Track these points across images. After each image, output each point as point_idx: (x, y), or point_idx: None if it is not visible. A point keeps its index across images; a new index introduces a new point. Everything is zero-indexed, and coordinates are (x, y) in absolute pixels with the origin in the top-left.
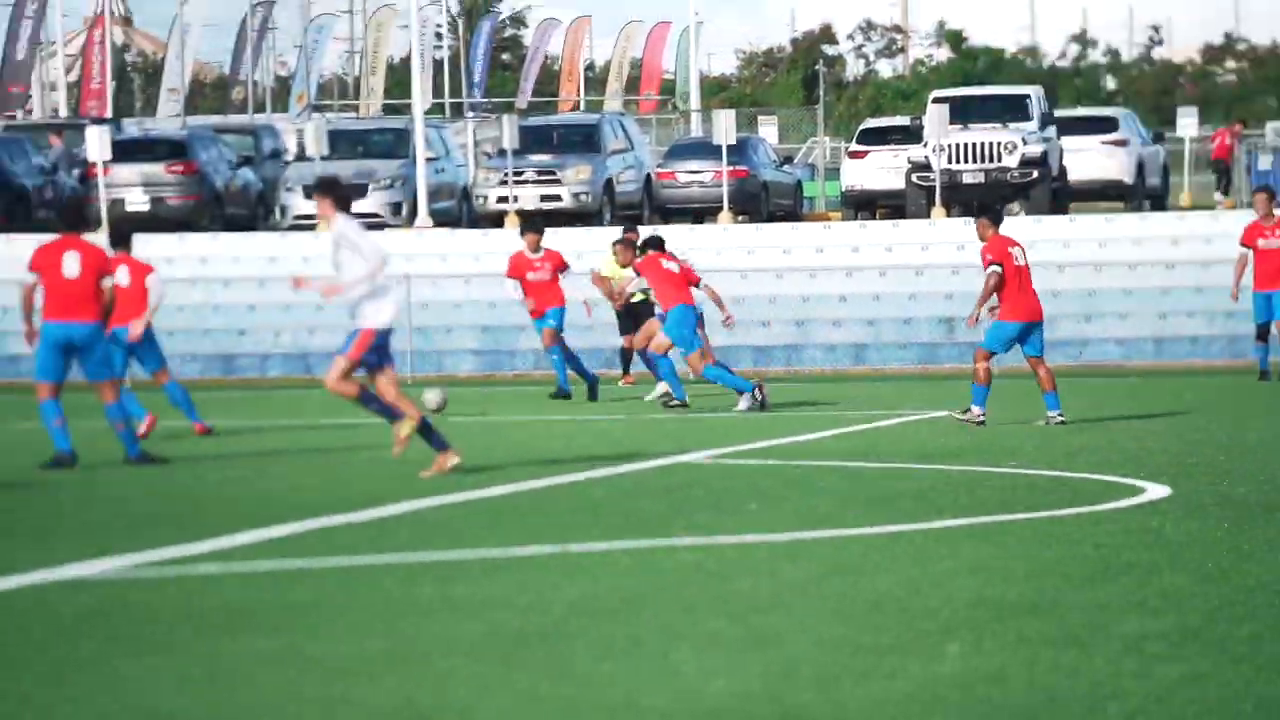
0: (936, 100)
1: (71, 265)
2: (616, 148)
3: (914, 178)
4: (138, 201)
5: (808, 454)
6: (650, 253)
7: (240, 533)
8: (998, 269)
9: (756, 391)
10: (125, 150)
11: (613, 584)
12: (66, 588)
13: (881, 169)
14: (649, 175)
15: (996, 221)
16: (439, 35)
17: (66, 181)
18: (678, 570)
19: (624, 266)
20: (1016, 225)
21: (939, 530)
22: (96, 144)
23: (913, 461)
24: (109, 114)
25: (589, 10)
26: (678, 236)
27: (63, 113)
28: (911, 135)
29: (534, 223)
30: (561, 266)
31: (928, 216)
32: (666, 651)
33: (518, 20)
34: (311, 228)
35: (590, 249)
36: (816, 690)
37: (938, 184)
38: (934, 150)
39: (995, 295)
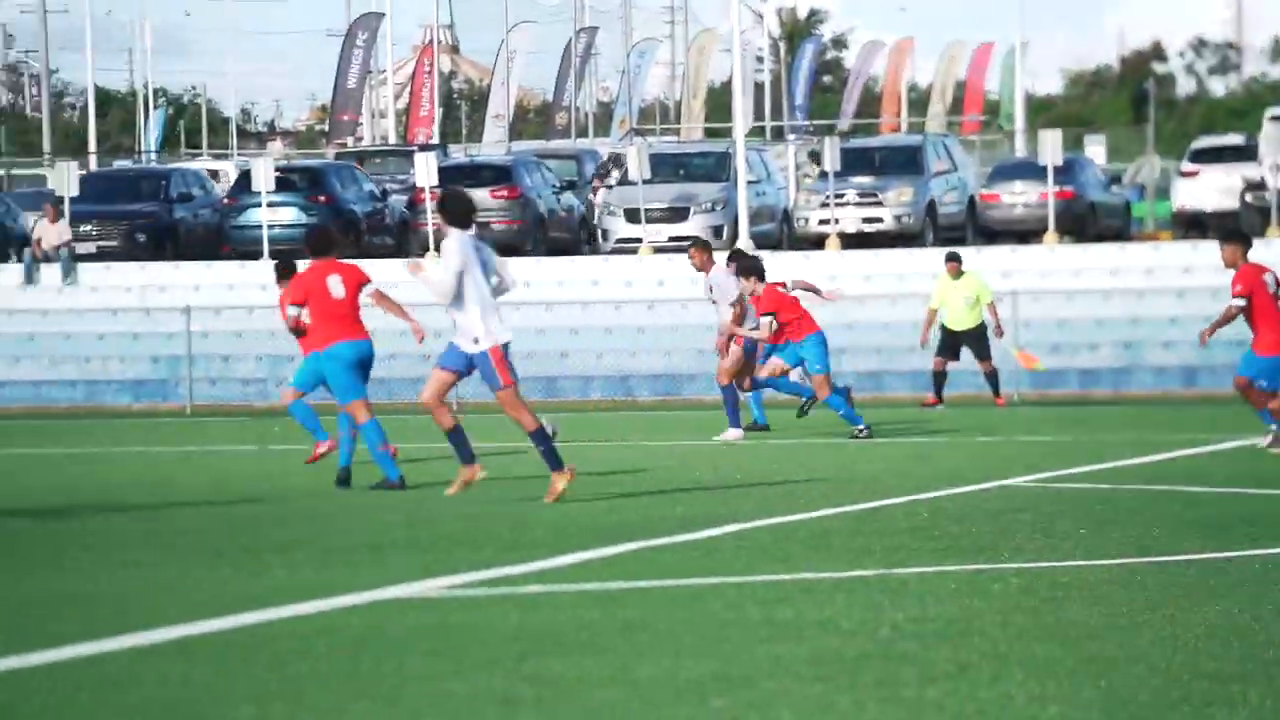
0: (1273, 117)
1: (337, 287)
2: (939, 169)
3: (1248, 197)
4: None
5: (1137, 478)
6: (768, 285)
7: (565, 554)
8: (1242, 302)
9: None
10: (451, 176)
11: (939, 608)
12: (396, 607)
13: (1214, 188)
14: (972, 197)
15: (1248, 246)
16: (760, 59)
17: (396, 207)
18: (1006, 595)
19: (699, 270)
20: None
21: (1277, 556)
22: (424, 170)
23: (1248, 486)
24: (435, 140)
25: (912, 32)
26: (1000, 259)
27: (391, 140)
28: (1246, 154)
29: (743, 255)
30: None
31: (1263, 236)
32: (996, 677)
33: (839, 43)
34: (633, 251)
35: (912, 271)
36: (1153, 718)
37: (1274, 203)
38: (1270, 169)
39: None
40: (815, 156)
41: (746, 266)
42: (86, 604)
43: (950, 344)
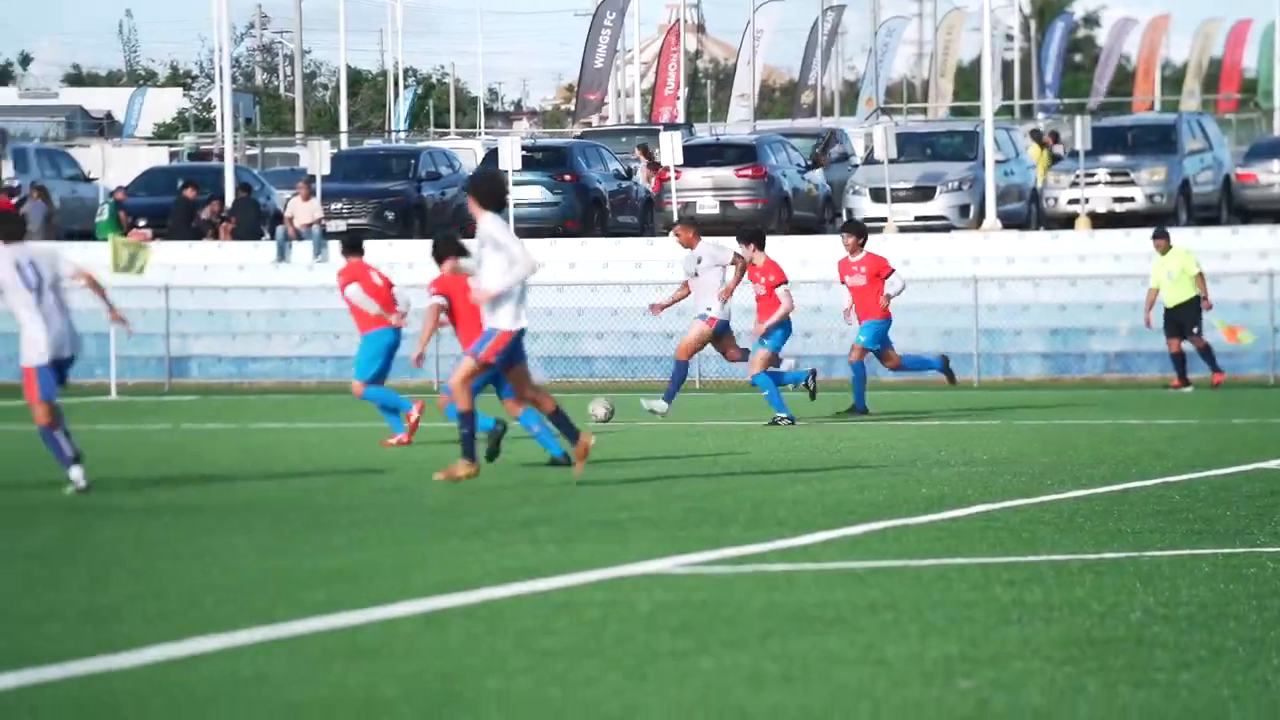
0: None
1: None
2: (1194, 148)
3: None
4: (708, 205)
5: None
6: (768, 257)
7: (810, 533)
8: None
9: (809, 379)
10: (696, 155)
11: (1193, 592)
12: (641, 582)
13: None
14: (1228, 176)
15: None
16: (1010, 37)
17: (640, 188)
18: (1262, 579)
19: (686, 246)
20: None
21: None
22: (669, 149)
23: None
24: (681, 119)
25: (1167, 9)
26: (1257, 239)
27: (637, 119)
28: None
29: (853, 223)
30: (884, 271)
31: None
32: (1252, 663)
33: (1091, 20)
34: (878, 231)
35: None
36: None
37: None
38: None
39: None
40: (1037, 135)
41: (749, 233)
42: (335, 577)
43: (1172, 322)
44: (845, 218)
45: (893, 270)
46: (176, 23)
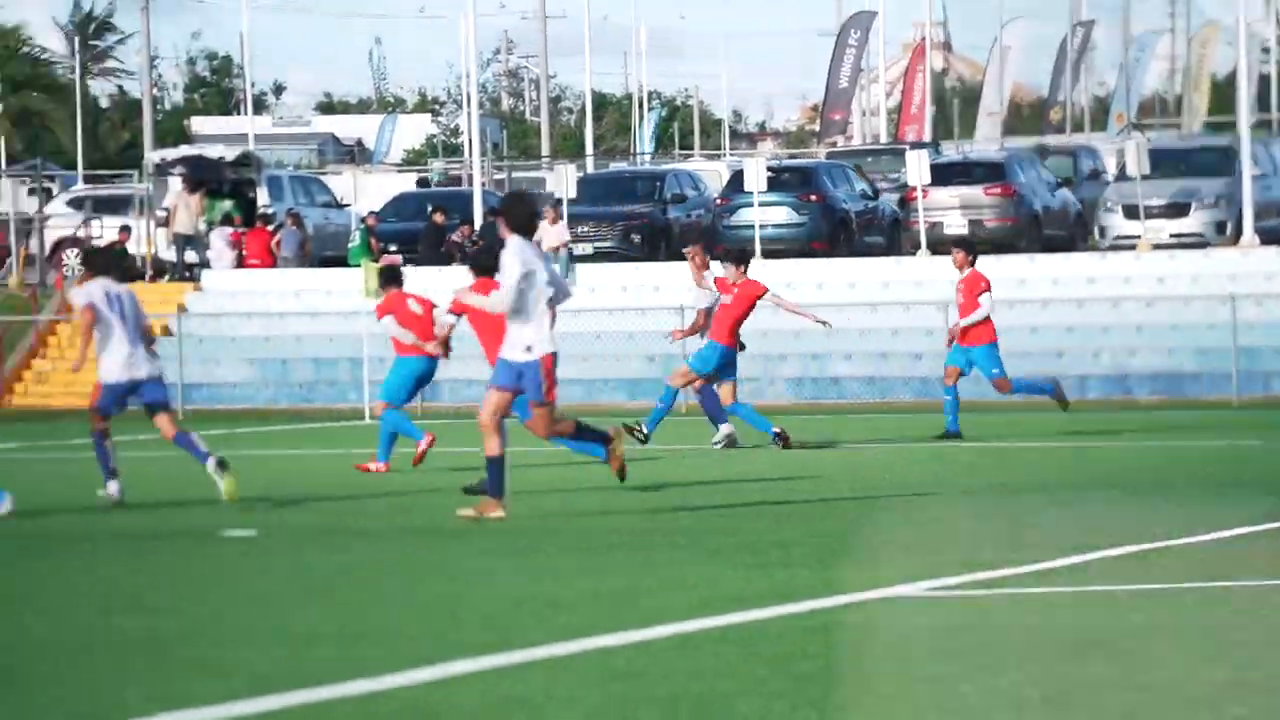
0: None
1: None
2: None
3: None
4: (955, 224)
5: None
6: (748, 279)
7: (1067, 555)
8: None
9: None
10: (943, 173)
11: None
12: (897, 606)
13: None
14: None
15: None
16: (1266, 49)
17: (888, 206)
18: None
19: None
20: None
21: None
22: (915, 168)
23: None
24: (927, 138)
25: None
26: None
27: (882, 138)
28: None
29: (961, 239)
30: (976, 290)
31: None
32: None
33: None
34: (1131, 248)
35: None
36: None
37: None
38: None
39: None
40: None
41: (734, 254)
42: (591, 599)
43: None
44: (1098, 235)
45: (983, 290)
46: (424, 50)
